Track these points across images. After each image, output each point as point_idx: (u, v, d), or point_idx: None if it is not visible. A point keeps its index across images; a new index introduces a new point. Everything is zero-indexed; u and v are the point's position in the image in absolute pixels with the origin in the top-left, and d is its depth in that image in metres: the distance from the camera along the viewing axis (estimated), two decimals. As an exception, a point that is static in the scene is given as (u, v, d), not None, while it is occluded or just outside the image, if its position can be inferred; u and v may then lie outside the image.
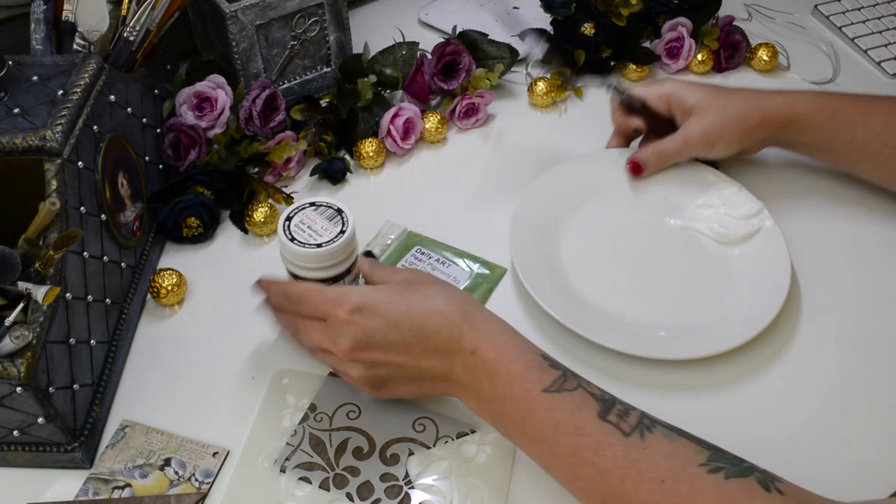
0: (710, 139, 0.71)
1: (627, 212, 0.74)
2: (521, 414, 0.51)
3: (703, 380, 0.63)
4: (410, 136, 0.80)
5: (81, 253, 0.58)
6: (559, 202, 0.74)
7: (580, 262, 0.70)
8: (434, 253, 0.71)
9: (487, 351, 0.53)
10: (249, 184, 0.75)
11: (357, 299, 0.55)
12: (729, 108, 0.71)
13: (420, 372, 0.55)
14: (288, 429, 0.60)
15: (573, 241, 0.72)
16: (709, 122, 0.71)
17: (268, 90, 0.76)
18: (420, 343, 0.54)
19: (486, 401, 0.54)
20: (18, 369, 0.50)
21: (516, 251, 0.68)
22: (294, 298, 0.57)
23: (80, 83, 0.59)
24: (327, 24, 0.81)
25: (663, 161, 0.74)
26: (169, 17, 0.70)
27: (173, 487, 0.57)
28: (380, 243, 0.72)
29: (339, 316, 0.55)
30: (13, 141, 0.55)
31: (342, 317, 0.54)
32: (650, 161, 0.74)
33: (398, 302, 0.55)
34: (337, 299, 0.55)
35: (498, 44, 0.86)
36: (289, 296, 0.58)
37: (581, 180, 0.75)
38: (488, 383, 0.53)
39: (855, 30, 0.95)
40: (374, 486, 0.57)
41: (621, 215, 0.74)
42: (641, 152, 0.74)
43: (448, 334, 0.54)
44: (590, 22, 0.85)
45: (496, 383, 0.52)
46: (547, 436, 0.50)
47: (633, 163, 0.74)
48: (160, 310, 0.68)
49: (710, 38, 0.89)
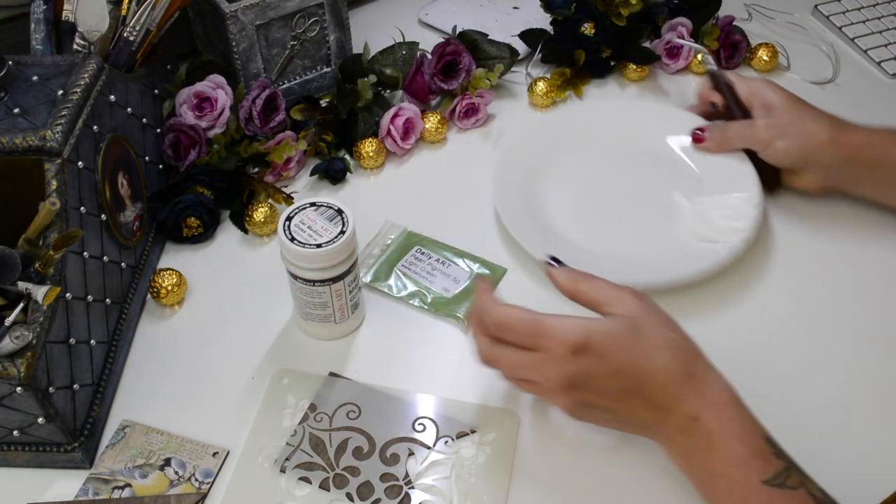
0: (772, 134, 0.71)
1: (607, 160, 0.79)
2: (734, 498, 0.49)
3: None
4: (410, 136, 0.80)
5: (81, 253, 0.58)
6: (543, 150, 0.78)
7: (563, 207, 0.74)
8: (434, 253, 0.71)
9: (710, 421, 0.50)
10: (249, 184, 0.75)
11: (580, 337, 0.50)
12: (805, 118, 0.71)
13: (630, 420, 0.53)
14: (288, 429, 0.60)
15: (556, 187, 0.76)
16: (776, 120, 0.71)
17: (268, 90, 0.76)
18: (639, 395, 0.51)
19: (696, 467, 0.52)
20: (18, 369, 0.50)
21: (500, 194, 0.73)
22: (500, 325, 0.53)
23: (80, 83, 0.59)
24: (327, 24, 0.81)
25: (724, 139, 0.74)
26: (169, 17, 0.70)
27: (173, 487, 0.57)
28: (380, 243, 0.72)
29: (556, 351, 0.50)
30: (13, 141, 0.55)
31: (559, 353, 0.50)
32: (713, 135, 0.75)
33: (624, 348, 0.51)
34: (554, 332, 0.51)
35: (498, 44, 0.86)
36: (497, 325, 0.53)
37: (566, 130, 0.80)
38: (704, 454, 0.51)
39: (855, 30, 0.95)
40: (374, 486, 0.57)
41: (603, 163, 0.78)
42: (708, 124, 0.76)
43: (671, 393, 0.51)
44: (590, 22, 0.85)
45: (713, 457, 0.50)
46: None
47: (696, 130, 0.76)
48: (160, 310, 0.68)
49: (710, 38, 0.89)
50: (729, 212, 0.71)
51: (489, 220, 0.75)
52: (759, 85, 0.74)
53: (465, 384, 0.63)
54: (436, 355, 0.65)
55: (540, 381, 0.52)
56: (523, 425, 0.60)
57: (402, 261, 0.71)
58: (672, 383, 0.51)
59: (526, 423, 0.60)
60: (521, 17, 0.95)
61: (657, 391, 0.51)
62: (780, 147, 0.71)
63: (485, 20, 0.95)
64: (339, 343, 0.66)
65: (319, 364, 0.64)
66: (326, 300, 0.61)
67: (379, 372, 0.63)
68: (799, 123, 0.70)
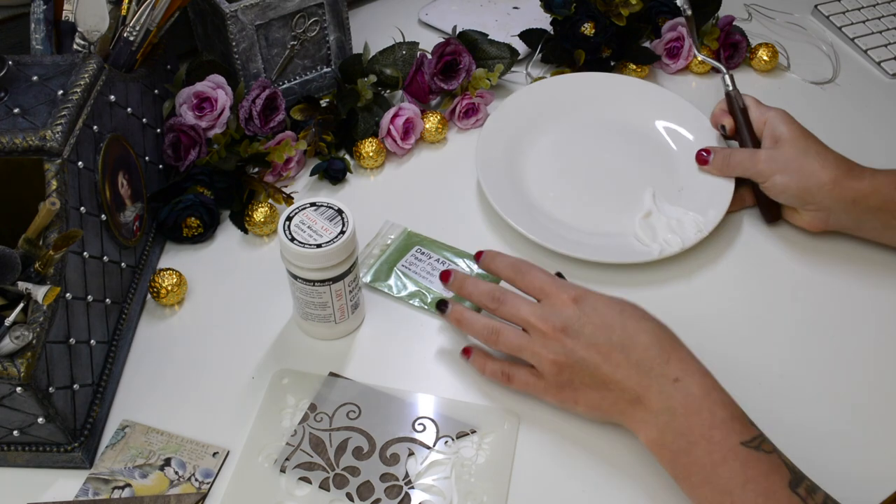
0: (772, 168, 0.69)
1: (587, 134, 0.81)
2: (712, 459, 0.50)
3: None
4: (410, 136, 0.80)
5: (81, 253, 0.58)
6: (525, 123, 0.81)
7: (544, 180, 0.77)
8: (434, 253, 0.71)
9: (692, 385, 0.53)
10: (249, 184, 0.75)
11: (581, 290, 0.58)
12: (810, 155, 0.68)
13: (610, 381, 0.55)
14: (288, 429, 0.60)
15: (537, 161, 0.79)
16: (780, 153, 0.69)
17: (268, 90, 0.76)
18: (623, 352, 0.55)
19: (673, 434, 0.53)
20: (18, 369, 0.50)
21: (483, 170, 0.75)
22: (521, 268, 0.61)
23: (80, 83, 0.59)
24: (327, 24, 0.81)
25: (726, 165, 0.73)
26: (169, 17, 0.70)
27: (173, 487, 0.57)
28: (380, 243, 0.72)
29: (561, 297, 0.58)
30: (13, 141, 0.55)
31: (563, 298, 0.57)
32: (716, 159, 0.74)
33: (615, 307, 0.57)
34: (561, 283, 0.59)
35: (498, 44, 0.86)
36: (516, 266, 0.61)
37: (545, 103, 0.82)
38: (684, 418, 0.52)
39: (855, 30, 0.95)
40: (374, 486, 0.57)
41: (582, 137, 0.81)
42: (715, 148, 0.75)
43: (655, 354, 0.54)
44: (590, 22, 0.85)
45: (694, 420, 0.52)
46: (734, 489, 0.49)
47: (702, 151, 0.75)
48: (160, 310, 0.68)
49: (710, 38, 0.89)
50: (674, 224, 0.71)
51: (489, 219, 0.75)
52: (773, 114, 0.72)
53: (465, 384, 0.63)
54: (436, 355, 0.65)
55: (539, 325, 0.57)
56: (523, 425, 0.60)
57: (402, 261, 0.71)
58: (656, 345, 0.55)
59: (526, 423, 0.60)
60: (521, 17, 0.95)
61: (641, 350, 0.55)
62: (778, 182, 0.69)
63: (485, 20, 0.95)
64: (339, 343, 0.66)
65: (319, 364, 0.64)
66: (326, 300, 0.61)
67: (379, 372, 0.63)
68: (801, 160, 0.68)
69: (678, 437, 0.52)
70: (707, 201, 0.73)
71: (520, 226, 0.70)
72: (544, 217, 0.74)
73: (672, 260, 0.70)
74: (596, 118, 0.83)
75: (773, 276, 0.70)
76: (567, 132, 0.81)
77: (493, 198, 0.73)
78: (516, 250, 0.72)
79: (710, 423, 0.51)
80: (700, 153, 0.75)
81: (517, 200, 0.74)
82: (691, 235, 0.70)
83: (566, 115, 0.82)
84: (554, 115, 0.82)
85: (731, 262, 0.72)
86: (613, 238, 0.72)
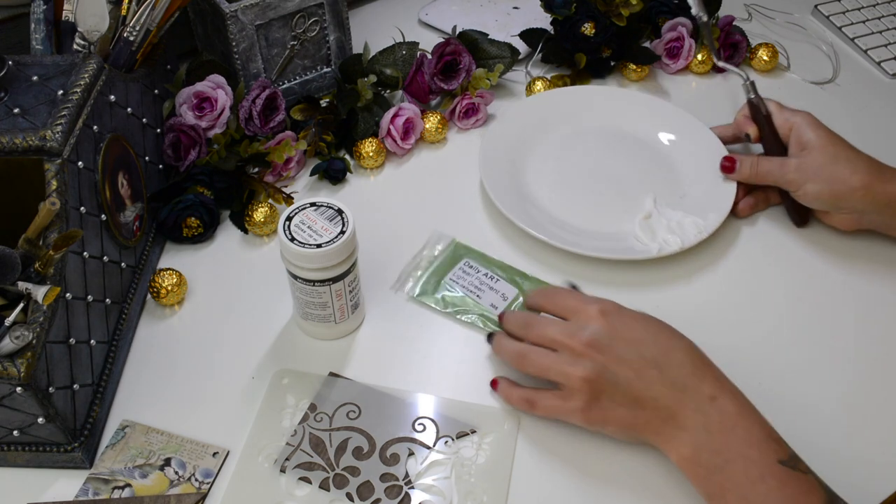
0: (803, 177, 0.69)
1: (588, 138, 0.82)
2: (750, 478, 0.50)
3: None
4: (410, 136, 0.80)
5: (81, 253, 0.58)
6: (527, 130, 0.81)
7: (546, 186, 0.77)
8: (482, 267, 0.70)
9: (728, 404, 0.52)
10: (249, 184, 0.75)
11: (609, 304, 0.57)
12: (840, 161, 0.67)
13: (643, 398, 0.54)
14: (288, 429, 0.60)
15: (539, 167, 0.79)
16: (810, 161, 0.69)
17: (268, 90, 0.76)
18: (657, 368, 0.54)
19: (708, 452, 0.52)
20: (18, 369, 0.50)
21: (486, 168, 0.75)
22: (547, 293, 0.61)
23: (80, 83, 0.59)
24: (327, 24, 0.81)
25: (755, 172, 0.72)
26: (169, 17, 0.70)
27: (173, 487, 0.57)
28: (427, 255, 0.71)
29: (589, 311, 0.57)
30: (13, 141, 0.55)
31: (591, 312, 0.56)
32: (743, 168, 0.72)
33: (645, 322, 0.56)
34: (586, 298, 0.59)
35: (498, 43, 0.86)
36: (542, 291, 0.62)
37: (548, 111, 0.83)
38: (720, 436, 0.51)
39: (855, 30, 0.95)
40: (374, 486, 0.57)
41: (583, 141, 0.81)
42: (741, 156, 0.73)
43: (689, 371, 0.53)
44: (590, 22, 0.85)
45: (731, 438, 0.51)
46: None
47: (728, 159, 0.73)
48: (160, 310, 0.68)
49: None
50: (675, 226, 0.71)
51: (490, 219, 0.75)
52: (799, 119, 0.71)
53: (465, 384, 0.63)
54: (436, 355, 0.65)
55: (568, 342, 0.56)
56: (523, 425, 0.60)
57: (450, 274, 0.69)
58: (689, 363, 0.54)
59: (526, 423, 0.60)
60: (521, 17, 0.95)
61: (676, 367, 0.53)
62: (809, 190, 0.69)
63: (485, 20, 0.95)
64: (339, 343, 0.66)
65: (319, 364, 0.64)
66: (326, 300, 0.61)
67: (379, 372, 0.63)
68: (831, 167, 0.68)
69: (714, 454, 0.51)
70: (708, 206, 0.73)
71: (521, 221, 0.70)
72: (545, 217, 0.74)
73: (673, 261, 0.70)
74: (598, 128, 0.82)
75: (773, 277, 0.70)
76: (569, 141, 0.81)
77: (495, 195, 0.73)
78: (516, 247, 0.72)
79: (747, 440, 0.51)
80: (724, 162, 0.74)
81: (518, 200, 0.74)
82: (691, 236, 0.70)
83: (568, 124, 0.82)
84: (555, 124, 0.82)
85: (732, 264, 0.72)
86: (614, 238, 0.72)
